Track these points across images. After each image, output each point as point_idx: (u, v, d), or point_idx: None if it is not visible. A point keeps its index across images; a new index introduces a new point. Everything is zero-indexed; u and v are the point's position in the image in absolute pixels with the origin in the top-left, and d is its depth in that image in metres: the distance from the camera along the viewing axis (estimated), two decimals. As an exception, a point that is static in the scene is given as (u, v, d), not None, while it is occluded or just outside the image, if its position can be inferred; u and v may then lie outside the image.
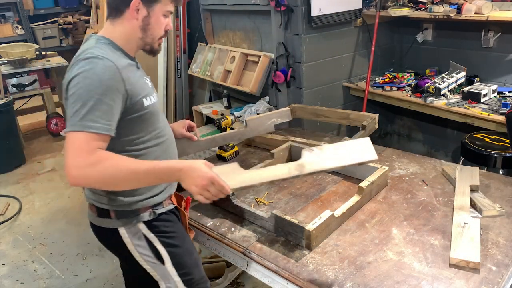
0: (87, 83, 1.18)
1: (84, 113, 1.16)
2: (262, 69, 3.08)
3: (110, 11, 1.35)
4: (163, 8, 1.34)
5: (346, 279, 1.31)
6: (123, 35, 1.34)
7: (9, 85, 4.32)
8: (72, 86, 1.20)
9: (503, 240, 1.42)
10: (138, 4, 1.30)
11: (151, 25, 1.34)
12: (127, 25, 1.33)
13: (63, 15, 6.38)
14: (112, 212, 1.37)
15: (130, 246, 1.39)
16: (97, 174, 1.15)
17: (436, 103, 2.77)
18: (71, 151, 1.15)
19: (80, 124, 1.15)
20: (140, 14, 1.32)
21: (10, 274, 2.68)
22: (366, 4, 3.24)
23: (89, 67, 1.20)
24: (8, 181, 3.92)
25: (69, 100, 1.20)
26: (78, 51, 1.31)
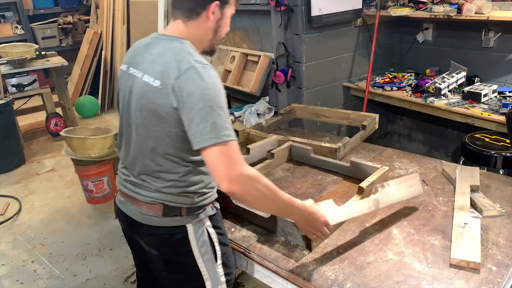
0: (214, 94, 1.18)
1: (222, 123, 1.17)
2: (262, 69, 3.08)
3: (183, 12, 1.31)
4: (231, 10, 1.36)
5: (346, 279, 1.30)
6: (198, 37, 1.33)
7: (9, 85, 4.32)
8: (199, 100, 1.17)
9: (504, 240, 1.42)
10: (216, 6, 1.29)
11: (221, 27, 1.35)
12: (202, 27, 1.32)
13: (62, 15, 6.38)
14: (184, 210, 1.34)
15: (194, 243, 1.36)
16: (258, 186, 1.20)
17: (437, 103, 2.77)
18: (224, 161, 1.17)
19: (224, 135, 1.17)
20: (215, 16, 1.31)
21: (9, 274, 2.68)
22: (366, 4, 3.23)
23: (208, 78, 1.19)
24: (7, 181, 3.92)
25: (198, 114, 1.17)
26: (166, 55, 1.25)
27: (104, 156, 3.16)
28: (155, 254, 1.40)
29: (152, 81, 1.24)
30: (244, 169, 1.19)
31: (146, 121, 1.27)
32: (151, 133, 1.28)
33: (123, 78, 1.38)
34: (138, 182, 1.37)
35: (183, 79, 1.19)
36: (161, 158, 1.29)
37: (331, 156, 2.05)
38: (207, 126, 1.16)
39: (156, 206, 1.34)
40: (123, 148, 1.42)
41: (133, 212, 1.38)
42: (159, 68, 1.23)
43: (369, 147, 2.23)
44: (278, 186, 1.85)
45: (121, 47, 5.12)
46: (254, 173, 1.21)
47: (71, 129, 3.38)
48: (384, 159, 2.07)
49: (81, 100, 5.38)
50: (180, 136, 1.24)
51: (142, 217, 1.36)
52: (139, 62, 1.32)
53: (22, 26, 5.98)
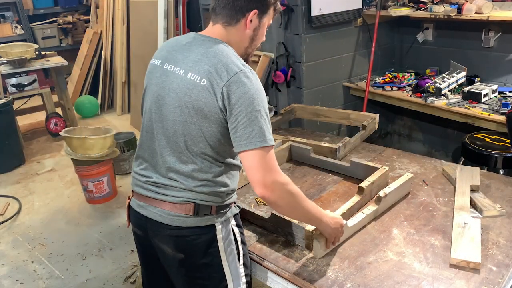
0: (259, 100, 1.23)
1: (266, 128, 1.22)
2: (262, 68, 3.08)
3: (223, 17, 1.32)
4: (269, 20, 1.38)
5: (346, 280, 1.30)
6: (236, 43, 1.34)
7: (9, 85, 4.32)
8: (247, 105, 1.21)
9: (504, 240, 1.42)
10: (254, 14, 1.31)
11: (258, 36, 1.37)
12: (240, 34, 1.33)
13: (62, 15, 6.38)
14: (214, 208, 1.34)
15: (221, 244, 1.36)
16: (288, 189, 1.25)
17: (437, 103, 2.77)
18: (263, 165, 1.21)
19: (268, 139, 1.22)
20: (253, 24, 1.33)
21: (9, 274, 2.68)
22: (366, 4, 3.23)
23: (254, 83, 1.23)
24: (7, 181, 3.92)
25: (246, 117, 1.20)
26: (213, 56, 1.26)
27: (104, 156, 3.16)
28: (180, 258, 1.37)
29: (198, 80, 1.25)
30: (279, 176, 1.23)
31: (187, 118, 1.27)
32: (189, 130, 1.28)
33: (154, 73, 1.37)
34: (164, 182, 1.34)
35: (233, 81, 1.21)
36: (197, 156, 1.30)
37: (331, 156, 2.04)
38: (254, 130, 1.20)
39: (186, 206, 1.32)
40: (147, 146, 1.39)
41: (158, 214, 1.35)
42: (207, 68, 1.24)
43: (369, 147, 2.23)
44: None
45: (121, 47, 5.12)
46: (288, 181, 1.25)
47: (71, 129, 3.38)
48: (384, 159, 2.07)
49: (81, 100, 5.38)
50: (219, 137, 1.26)
51: (170, 219, 1.33)
52: (179, 59, 1.32)
53: (22, 26, 5.98)
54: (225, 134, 1.26)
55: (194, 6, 4.02)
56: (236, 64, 1.24)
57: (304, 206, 1.30)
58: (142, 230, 1.43)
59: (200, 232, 1.33)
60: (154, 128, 1.35)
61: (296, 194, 1.27)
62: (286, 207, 1.28)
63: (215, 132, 1.26)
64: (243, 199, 1.81)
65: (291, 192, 1.26)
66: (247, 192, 1.87)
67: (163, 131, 1.32)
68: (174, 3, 3.93)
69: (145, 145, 1.39)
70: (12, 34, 5.85)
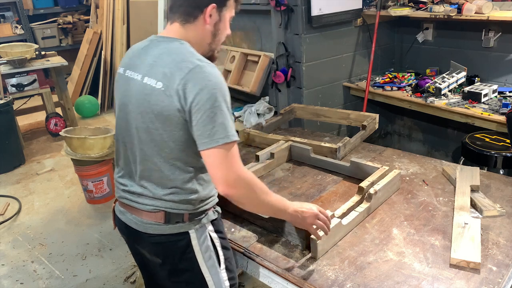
0: (220, 94, 1.18)
1: (228, 123, 1.18)
2: (262, 69, 3.08)
3: (180, 15, 1.30)
4: (230, 13, 1.34)
5: (346, 280, 1.30)
6: (196, 40, 1.30)
7: (9, 85, 4.32)
8: (207, 100, 1.16)
9: (504, 240, 1.42)
10: (212, 9, 1.28)
11: (220, 30, 1.33)
12: (199, 30, 1.30)
13: (62, 15, 6.38)
14: (186, 216, 1.32)
15: (197, 249, 1.34)
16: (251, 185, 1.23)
17: (437, 103, 2.77)
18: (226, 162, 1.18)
19: (230, 135, 1.18)
20: (213, 19, 1.29)
21: (9, 274, 2.68)
22: (366, 4, 3.23)
23: (213, 77, 1.19)
24: (7, 181, 3.92)
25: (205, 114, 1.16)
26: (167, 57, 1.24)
27: (104, 156, 3.16)
28: (159, 262, 1.38)
29: (154, 83, 1.22)
30: (242, 172, 1.21)
31: (149, 124, 1.25)
32: (153, 137, 1.25)
33: (120, 81, 1.37)
34: (137, 190, 1.34)
35: (188, 79, 1.17)
36: (164, 163, 1.27)
37: (331, 156, 2.04)
38: (215, 126, 1.16)
39: (157, 214, 1.31)
40: (122, 155, 1.39)
41: (133, 221, 1.36)
42: (161, 70, 1.22)
43: (369, 147, 2.23)
44: (278, 186, 1.88)
45: (121, 47, 5.12)
46: (250, 177, 1.23)
47: (71, 129, 3.38)
48: (384, 159, 2.07)
49: (81, 100, 5.38)
50: (184, 139, 1.22)
51: (144, 226, 1.33)
52: (137, 65, 1.30)
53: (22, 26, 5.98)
54: (190, 136, 1.22)
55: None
56: (190, 61, 1.20)
57: (267, 200, 1.28)
58: (125, 236, 1.45)
59: (174, 239, 1.32)
60: (124, 136, 1.36)
61: (259, 189, 1.25)
62: (250, 203, 1.27)
63: (179, 136, 1.22)
64: (243, 199, 1.80)
65: (254, 190, 1.24)
66: (247, 192, 1.86)
67: (130, 139, 1.32)
68: (174, 3, 3.93)
69: (120, 153, 1.40)
70: (12, 34, 5.85)
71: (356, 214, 1.55)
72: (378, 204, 1.66)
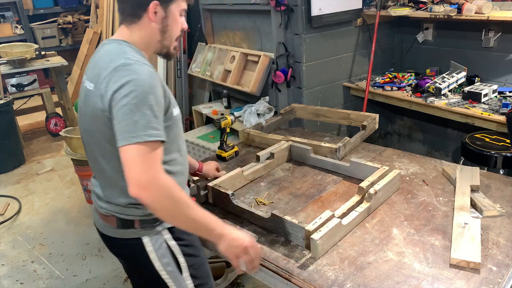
0: (140, 91, 1.14)
1: (145, 122, 1.13)
2: (262, 69, 3.08)
3: (125, 17, 1.30)
4: (179, 6, 1.31)
5: (346, 280, 1.30)
6: (143, 40, 1.30)
7: (9, 85, 4.32)
8: (123, 96, 1.14)
9: (504, 240, 1.42)
10: (156, 6, 1.26)
11: (169, 26, 1.31)
12: (145, 29, 1.29)
13: (62, 15, 6.38)
14: (137, 222, 1.31)
15: (153, 256, 1.32)
16: (170, 197, 1.15)
17: (437, 103, 2.77)
18: (138, 162, 1.12)
19: (145, 134, 1.12)
20: (158, 16, 1.28)
21: (9, 274, 2.68)
22: (366, 4, 3.23)
23: (135, 74, 1.15)
24: (7, 181, 3.92)
25: (122, 111, 1.13)
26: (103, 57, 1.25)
27: (104, 156, 3.16)
28: (124, 265, 1.42)
29: (90, 86, 1.25)
30: (159, 176, 1.14)
31: (91, 126, 1.28)
32: (95, 139, 1.28)
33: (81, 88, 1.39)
34: (97, 192, 1.38)
35: (111, 77, 1.17)
36: (107, 164, 1.27)
37: (331, 156, 2.04)
38: (128, 124, 1.12)
39: (111, 218, 1.33)
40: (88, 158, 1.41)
41: (98, 223, 1.40)
42: (95, 72, 1.24)
43: (369, 147, 2.23)
44: (278, 186, 1.88)
45: (121, 47, 5.12)
46: (169, 185, 1.15)
47: (71, 129, 3.38)
48: (384, 159, 2.07)
49: (81, 100, 5.37)
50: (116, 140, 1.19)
51: (105, 229, 1.37)
52: (87, 70, 1.34)
53: (22, 26, 5.98)
54: None
55: (194, 6, 4.02)
56: (117, 60, 1.19)
57: (187, 214, 1.18)
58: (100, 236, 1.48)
59: (130, 243, 1.32)
60: (82, 138, 1.40)
61: (179, 200, 1.16)
62: (164, 212, 1.17)
63: (110, 136, 1.20)
64: (243, 199, 1.81)
65: (171, 197, 1.15)
66: (247, 192, 1.87)
67: (84, 141, 1.37)
68: (174, 3, 3.93)
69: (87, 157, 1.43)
70: (12, 34, 5.85)
71: (356, 214, 1.55)
72: (378, 204, 1.66)
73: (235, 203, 1.67)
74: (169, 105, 1.29)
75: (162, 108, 1.22)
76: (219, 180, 1.80)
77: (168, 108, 1.28)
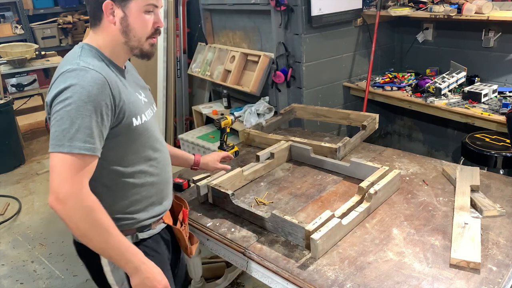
0: (76, 98, 1.08)
1: (74, 132, 1.07)
2: (262, 69, 3.08)
3: (90, 19, 1.24)
4: (138, 4, 1.19)
5: (346, 280, 1.30)
6: (106, 43, 1.23)
7: (9, 85, 4.32)
8: (59, 102, 1.09)
9: (504, 240, 1.42)
10: (111, 6, 1.18)
11: (131, 25, 1.20)
12: (107, 32, 1.21)
13: (62, 15, 6.37)
14: None
15: (106, 269, 1.27)
16: (86, 212, 1.09)
17: (437, 103, 2.77)
18: (60, 173, 1.07)
19: (70, 145, 1.06)
20: (117, 17, 1.19)
21: (9, 274, 2.68)
22: (366, 4, 3.23)
23: (76, 80, 1.09)
24: (7, 181, 3.92)
25: (54, 117, 1.09)
26: (61, 61, 1.23)
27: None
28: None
29: None
30: (80, 192, 1.08)
31: None
32: None
33: None
34: None
35: (54, 84, 1.13)
36: None
37: (331, 156, 2.04)
38: (57, 131, 1.07)
39: None
40: None
41: None
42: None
43: (369, 147, 2.23)
44: (278, 186, 1.88)
45: (121, 47, 5.12)
46: (90, 203, 1.09)
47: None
48: (384, 159, 2.07)
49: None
50: None
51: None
52: None
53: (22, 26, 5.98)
54: None
55: (194, 6, 4.02)
56: (66, 66, 1.14)
57: (103, 240, 1.12)
58: None
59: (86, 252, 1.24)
60: None
61: (97, 224, 1.10)
62: (77, 231, 1.11)
63: None
64: (243, 199, 1.81)
65: (88, 218, 1.09)
66: (247, 192, 1.87)
67: None
68: (174, 3, 3.93)
69: None
70: (12, 34, 5.84)
71: (356, 214, 1.55)
72: (378, 204, 1.66)
73: (235, 203, 1.67)
74: (124, 116, 1.19)
75: (106, 119, 1.14)
76: (219, 180, 1.80)
77: (123, 119, 1.19)
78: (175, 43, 4.01)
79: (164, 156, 1.40)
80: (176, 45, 4.03)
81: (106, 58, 1.23)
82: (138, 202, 1.30)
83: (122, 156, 1.24)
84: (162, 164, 1.38)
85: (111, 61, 1.24)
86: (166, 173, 1.40)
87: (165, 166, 1.40)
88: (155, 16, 1.25)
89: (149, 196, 1.32)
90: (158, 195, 1.37)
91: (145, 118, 1.28)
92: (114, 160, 1.23)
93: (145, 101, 1.34)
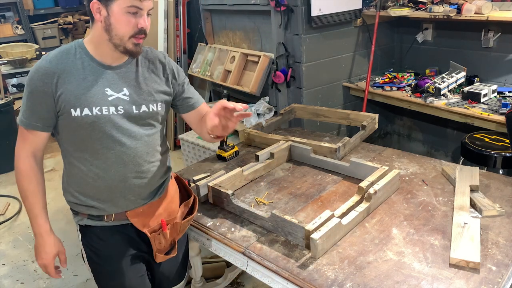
0: (26, 82, 1.34)
1: (22, 109, 1.35)
2: (262, 69, 3.08)
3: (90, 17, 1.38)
4: (122, 4, 1.25)
5: (346, 279, 1.31)
6: (93, 39, 1.35)
7: (9, 85, 4.33)
8: None
9: (503, 240, 1.42)
10: (97, 5, 1.27)
11: (112, 25, 1.28)
12: (96, 29, 1.33)
13: (63, 15, 6.37)
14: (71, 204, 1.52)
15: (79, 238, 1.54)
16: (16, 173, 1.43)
17: (436, 103, 2.77)
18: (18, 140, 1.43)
19: (18, 118, 1.37)
20: (102, 15, 1.28)
21: (10, 274, 2.68)
22: (366, 4, 3.24)
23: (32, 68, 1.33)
24: (8, 181, 3.92)
25: None
26: None
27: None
28: None
29: None
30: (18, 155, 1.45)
31: None
32: None
33: None
34: None
35: None
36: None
37: (331, 156, 2.05)
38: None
39: None
40: None
41: None
42: None
43: (369, 147, 2.23)
44: (278, 186, 1.88)
45: (121, 47, 5.12)
46: (21, 166, 1.44)
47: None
48: (384, 159, 2.07)
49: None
50: None
51: None
52: None
53: (23, 26, 5.98)
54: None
55: (194, 6, 4.03)
56: None
57: (22, 199, 1.43)
58: None
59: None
60: None
61: (19, 187, 1.43)
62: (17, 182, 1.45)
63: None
64: (243, 199, 1.81)
65: (17, 176, 1.44)
66: (247, 192, 1.87)
67: None
68: (174, 3, 3.94)
69: None
70: (12, 34, 5.84)
71: (355, 214, 1.55)
72: (377, 204, 1.66)
73: (235, 203, 1.67)
74: (65, 105, 1.32)
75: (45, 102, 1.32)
76: (219, 180, 1.80)
77: (62, 107, 1.33)
78: (175, 44, 4.02)
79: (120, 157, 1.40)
80: (176, 46, 4.04)
81: (84, 52, 1.35)
82: (86, 186, 1.43)
83: (67, 137, 1.40)
84: (115, 163, 1.40)
85: (89, 55, 1.35)
86: (117, 174, 1.41)
87: (119, 167, 1.41)
88: (140, 18, 1.30)
89: (97, 187, 1.42)
90: (107, 193, 1.43)
91: (98, 113, 1.34)
92: (64, 139, 1.42)
93: (123, 98, 1.37)
